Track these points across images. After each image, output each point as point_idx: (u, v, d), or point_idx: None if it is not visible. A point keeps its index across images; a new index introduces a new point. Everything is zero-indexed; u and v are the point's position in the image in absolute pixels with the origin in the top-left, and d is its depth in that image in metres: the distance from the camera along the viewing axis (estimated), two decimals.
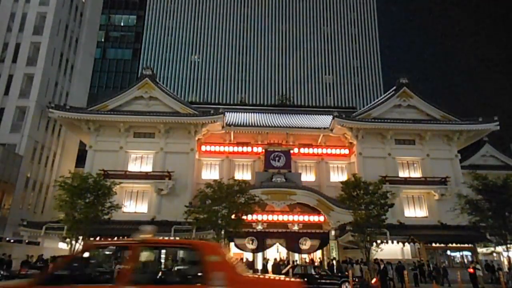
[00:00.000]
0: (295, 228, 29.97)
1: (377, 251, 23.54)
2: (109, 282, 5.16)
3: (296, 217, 29.83)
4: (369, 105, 37.81)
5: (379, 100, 36.46)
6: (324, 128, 33.87)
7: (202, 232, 25.80)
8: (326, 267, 27.03)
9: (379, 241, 24.07)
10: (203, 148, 33.44)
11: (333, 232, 29.58)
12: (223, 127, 32.73)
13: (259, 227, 29.72)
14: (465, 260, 27.61)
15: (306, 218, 29.81)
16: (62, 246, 30.46)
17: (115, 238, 26.40)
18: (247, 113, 39.27)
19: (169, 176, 30.17)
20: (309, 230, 29.75)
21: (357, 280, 22.08)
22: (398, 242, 27.68)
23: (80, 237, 23.72)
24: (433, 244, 27.82)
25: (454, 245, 28.10)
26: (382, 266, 20.58)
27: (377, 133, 33.36)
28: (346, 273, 21.98)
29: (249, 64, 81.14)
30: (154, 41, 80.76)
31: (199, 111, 32.23)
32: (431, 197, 32.04)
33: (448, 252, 28.29)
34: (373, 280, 20.63)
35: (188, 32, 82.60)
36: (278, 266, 25.03)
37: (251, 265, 27.30)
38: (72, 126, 33.33)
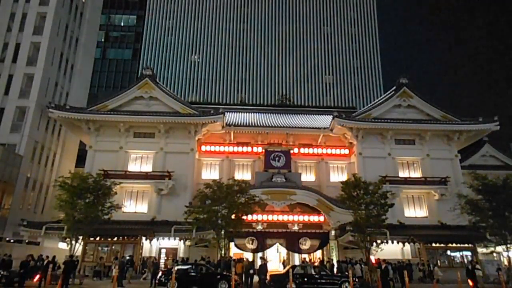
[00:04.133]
0: (295, 228, 29.96)
1: (377, 251, 23.54)
2: None
3: (296, 217, 29.83)
4: (369, 105, 37.80)
5: (379, 100, 36.46)
6: (324, 128, 33.87)
7: (202, 232, 25.82)
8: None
9: (379, 241, 24.06)
10: (203, 148, 33.44)
11: (333, 232, 29.59)
12: (223, 127, 32.73)
13: (259, 227, 29.73)
14: (465, 260, 27.61)
15: (306, 218, 29.81)
16: (62, 246, 30.47)
17: (115, 238, 26.52)
18: (247, 113, 39.28)
19: (169, 176, 30.17)
20: (309, 230, 29.75)
21: (357, 280, 22.07)
22: (398, 242, 27.69)
23: (80, 237, 23.73)
24: (433, 244, 27.81)
25: (454, 245, 28.10)
26: (383, 266, 20.54)
27: (377, 133, 33.36)
28: (346, 273, 21.96)
29: (249, 64, 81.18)
30: (154, 41, 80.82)
31: (199, 111, 32.22)
32: (431, 197, 32.04)
33: (448, 252, 28.29)
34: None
35: (188, 32, 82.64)
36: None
37: (251, 265, 27.26)
38: (72, 126, 33.32)
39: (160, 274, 20.26)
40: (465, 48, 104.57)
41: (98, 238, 26.50)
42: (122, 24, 77.03)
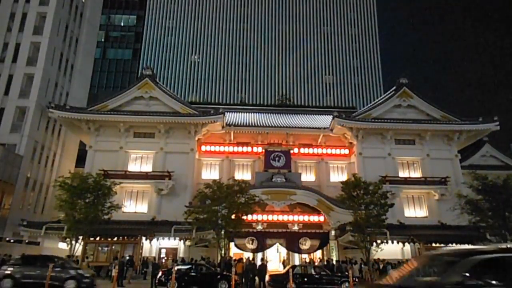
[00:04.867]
0: (295, 228, 29.95)
1: (377, 251, 23.54)
2: None
3: (296, 217, 29.82)
4: (369, 105, 37.80)
5: (379, 100, 36.46)
6: (324, 128, 33.86)
7: (202, 232, 25.81)
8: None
9: (379, 241, 24.07)
10: (203, 148, 33.43)
11: (333, 232, 29.58)
12: (223, 127, 32.72)
13: (259, 227, 29.71)
14: None
15: (306, 218, 29.80)
16: (62, 246, 30.48)
17: (115, 238, 26.52)
18: (247, 113, 39.27)
19: (169, 176, 30.16)
20: (309, 230, 29.74)
21: (357, 280, 22.07)
22: (398, 242, 27.67)
23: (80, 237, 23.73)
24: (433, 244, 27.80)
25: (454, 245, 28.05)
26: (381, 266, 20.59)
27: (377, 133, 33.35)
28: (346, 273, 21.97)
29: (249, 64, 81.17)
30: (154, 41, 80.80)
31: (199, 111, 32.22)
32: (431, 197, 32.03)
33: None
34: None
35: (188, 32, 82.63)
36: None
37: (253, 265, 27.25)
38: (72, 126, 33.32)
39: (160, 274, 20.26)
40: (465, 48, 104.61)
41: (98, 238, 26.48)
42: (122, 24, 77.03)
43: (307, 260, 30.24)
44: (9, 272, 17.22)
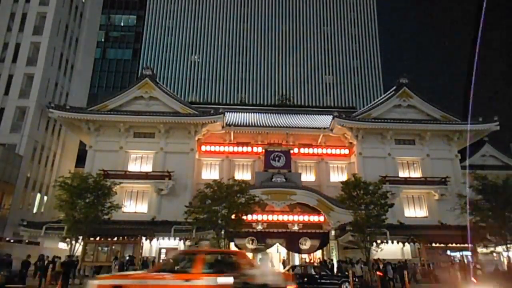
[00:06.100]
0: (295, 228, 29.95)
1: (377, 251, 23.53)
2: None
3: (296, 217, 29.81)
4: (369, 105, 37.81)
5: (379, 100, 36.47)
6: (324, 128, 33.87)
7: (202, 232, 25.79)
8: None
9: (379, 241, 24.07)
10: (203, 148, 33.44)
11: (333, 232, 29.57)
12: (223, 127, 32.73)
13: (259, 227, 29.70)
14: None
15: (306, 218, 29.79)
16: (62, 246, 30.47)
17: (115, 238, 26.50)
18: (247, 113, 39.27)
19: (169, 176, 30.16)
20: (309, 230, 29.72)
21: (357, 280, 22.06)
22: (398, 242, 27.68)
23: (80, 237, 23.73)
24: (433, 244, 27.81)
25: (454, 245, 28.08)
26: (382, 266, 20.59)
27: (377, 133, 33.36)
28: (346, 273, 21.97)
29: (249, 64, 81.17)
30: (154, 41, 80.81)
31: (199, 111, 32.23)
32: (431, 197, 32.03)
33: (448, 252, 28.27)
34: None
35: (188, 32, 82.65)
36: None
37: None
38: (72, 126, 33.31)
39: None
40: (465, 48, 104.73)
41: (98, 238, 26.47)
42: (122, 24, 77.02)
43: (307, 260, 30.24)
44: None
